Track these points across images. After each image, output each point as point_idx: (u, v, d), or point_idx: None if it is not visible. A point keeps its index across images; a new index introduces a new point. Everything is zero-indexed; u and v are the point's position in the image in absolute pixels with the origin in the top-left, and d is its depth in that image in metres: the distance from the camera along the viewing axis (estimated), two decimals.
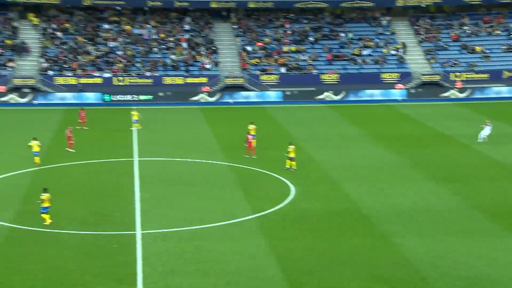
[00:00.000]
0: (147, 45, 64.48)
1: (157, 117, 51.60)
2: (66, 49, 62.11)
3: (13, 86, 57.04)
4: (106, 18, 66.85)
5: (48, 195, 26.13)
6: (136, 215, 27.52)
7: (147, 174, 33.96)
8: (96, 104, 57.02)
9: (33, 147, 35.04)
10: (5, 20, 63.37)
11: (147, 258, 22.99)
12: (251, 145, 37.71)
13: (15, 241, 24.25)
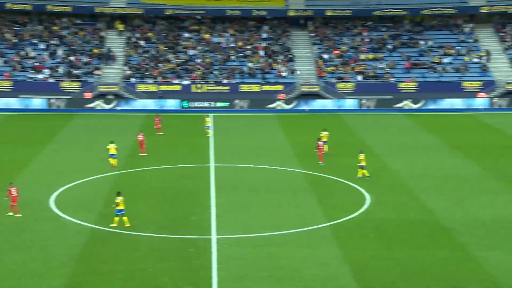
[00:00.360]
0: (225, 53, 65.38)
1: (233, 124, 52.14)
2: (148, 57, 63.91)
3: (98, 93, 59.23)
4: (187, 27, 68.33)
5: (122, 198, 26.86)
6: (212, 220, 27.84)
7: (222, 180, 34.32)
8: (175, 110, 58.28)
9: (110, 149, 36.39)
10: (93, 30, 65.96)
11: (222, 263, 23.18)
12: (321, 151, 37.56)
13: (96, 242, 25.05)
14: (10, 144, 42.04)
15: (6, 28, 64.06)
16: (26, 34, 63.96)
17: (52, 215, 28.07)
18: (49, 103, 57.21)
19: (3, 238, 24.99)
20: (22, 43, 62.93)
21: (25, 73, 59.98)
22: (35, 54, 61.93)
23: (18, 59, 60.83)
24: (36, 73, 59.95)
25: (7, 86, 58.10)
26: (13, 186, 27.98)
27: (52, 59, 61.94)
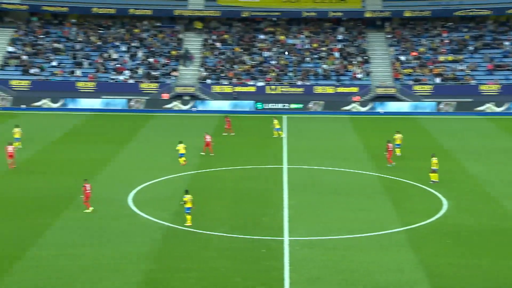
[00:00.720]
0: (300, 55, 65.18)
1: (307, 126, 51.87)
2: (224, 58, 64.63)
3: (175, 94, 60.42)
4: (262, 28, 68.62)
5: (190, 196, 27.22)
6: (284, 221, 27.74)
7: (295, 182, 34.17)
8: (249, 112, 58.62)
9: (180, 149, 37.27)
10: (172, 33, 67.38)
11: (294, 265, 23.04)
12: (391, 153, 36.83)
13: (171, 240, 25.48)
14: (91, 143, 43.51)
15: (92, 32, 66.44)
16: (110, 36, 66.12)
17: (130, 212, 28.78)
18: (129, 104, 58.87)
19: (84, 234, 25.84)
20: (105, 46, 65.07)
21: (107, 74, 62.01)
22: (117, 56, 63.90)
23: (101, 61, 62.95)
24: (118, 74, 61.85)
25: (91, 87, 60.25)
26: (87, 182, 28.85)
27: (133, 60, 63.73)
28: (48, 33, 65.86)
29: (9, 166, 35.55)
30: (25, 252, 23.55)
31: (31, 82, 59.55)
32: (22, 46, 63.64)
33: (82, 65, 62.38)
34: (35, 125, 48.98)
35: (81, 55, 63.44)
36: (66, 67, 62.24)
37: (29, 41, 64.27)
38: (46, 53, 63.21)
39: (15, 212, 28.17)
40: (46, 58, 62.62)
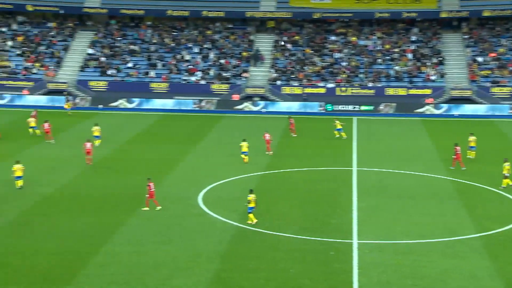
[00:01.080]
0: (372, 56, 64.27)
1: (378, 128, 51.06)
2: (294, 60, 64.57)
3: (245, 94, 60.88)
4: (334, 30, 68.12)
5: (253, 196, 27.30)
6: (353, 224, 27.42)
7: (365, 184, 33.71)
8: (319, 113, 58.30)
9: (243, 147, 37.98)
10: (243, 34, 67.94)
11: (363, 268, 22.73)
12: (459, 156, 35.71)
13: (240, 240, 25.67)
14: (163, 142, 44.44)
15: (166, 34, 67.93)
16: (183, 38, 67.37)
17: (200, 212, 29.20)
18: (199, 105, 59.78)
19: (156, 231, 26.42)
20: (178, 47, 66.37)
21: (180, 75, 63.21)
22: (190, 58, 65.04)
23: (174, 62, 64.25)
24: (190, 75, 62.95)
25: (164, 88, 61.59)
26: (151, 181, 29.40)
27: (204, 62, 64.69)
28: (125, 36, 67.82)
29: (86, 162, 36.94)
30: (100, 248, 24.31)
31: (108, 83, 61.49)
32: (100, 48, 65.82)
33: (156, 66, 63.86)
34: (112, 125, 50.51)
35: (155, 57, 64.96)
36: (141, 68, 63.89)
37: (107, 43, 66.39)
38: (122, 54, 65.13)
39: (91, 209, 29.15)
40: (123, 59, 64.51)
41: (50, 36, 66.76)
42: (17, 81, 61.13)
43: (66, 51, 65.47)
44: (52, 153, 40.07)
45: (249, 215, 27.28)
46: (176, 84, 61.93)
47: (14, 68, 62.73)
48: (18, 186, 31.87)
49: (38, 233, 25.75)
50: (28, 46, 65.17)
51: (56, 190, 31.93)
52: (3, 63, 62.73)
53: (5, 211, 28.26)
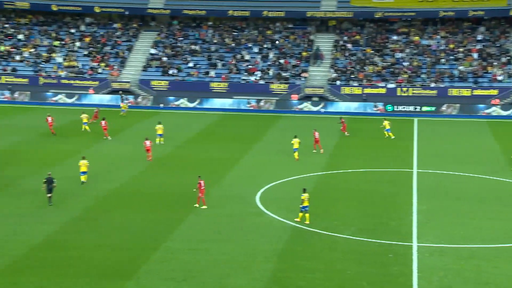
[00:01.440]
0: (435, 56, 62.86)
1: (439, 129, 49.90)
2: (354, 60, 63.90)
3: (304, 94, 60.68)
4: (396, 29, 67.01)
5: (307, 195, 27.16)
6: (413, 226, 26.90)
7: (425, 186, 33.00)
8: (379, 114, 57.48)
9: (294, 144, 38.61)
10: (303, 34, 67.73)
11: (423, 272, 22.27)
12: None
13: (297, 240, 25.61)
14: (222, 142, 44.82)
15: (226, 34, 68.51)
16: (243, 38, 67.78)
17: (257, 211, 29.30)
18: (259, 105, 59.99)
19: (214, 230, 26.69)
20: (238, 47, 66.82)
21: (239, 75, 63.61)
22: (249, 57, 65.37)
23: (234, 62, 64.72)
24: (249, 75, 63.26)
25: (223, 88, 62.14)
26: (201, 179, 29.75)
27: (264, 62, 64.86)
28: (187, 36, 68.80)
29: (147, 159, 37.83)
30: (160, 244, 24.76)
31: (169, 82, 62.53)
32: (163, 48, 67.02)
33: (216, 66, 64.48)
34: (172, 123, 51.37)
35: (216, 56, 65.61)
36: (202, 68, 64.66)
37: (169, 44, 67.52)
38: (183, 54, 66.10)
39: (151, 206, 29.71)
40: (184, 59, 65.48)
41: (115, 36, 68.46)
42: (83, 80, 63.00)
43: (129, 51, 67.00)
44: (115, 150, 41.07)
45: (304, 214, 27.22)
46: (235, 84, 62.35)
47: (81, 68, 64.67)
48: (82, 181, 32.98)
49: (101, 229, 26.45)
50: (94, 46, 67.06)
51: (118, 187, 32.72)
52: (71, 63, 64.81)
53: (71, 207, 29.18)
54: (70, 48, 66.84)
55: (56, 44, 67.22)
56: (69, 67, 64.47)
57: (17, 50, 66.46)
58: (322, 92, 60.57)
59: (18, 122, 50.73)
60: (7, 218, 27.47)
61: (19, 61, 65.30)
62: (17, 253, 23.51)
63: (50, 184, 29.48)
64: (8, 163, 37.10)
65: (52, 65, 64.78)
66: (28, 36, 68.26)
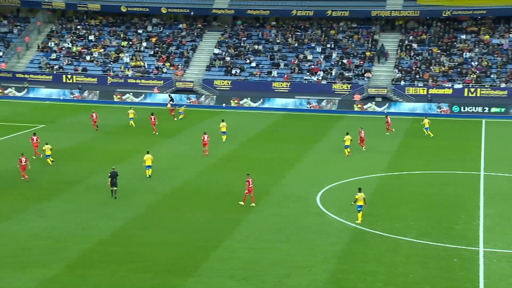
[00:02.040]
0: (506, 56, 60.65)
1: (509, 131, 48.11)
2: (420, 60, 62.47)
3: (367, 95, 59.81)
4: (464, 28, 65.08)
5: (361, 194, 26.71)
6: (480, 231, 26.00)
7: (493, 190, 31.87)
8: (443, 115, 55.95)
9: (346, 141, 39.37)
10: (367, 34, 66.79)
11: (490, 278, 21.48)
12: None
13: (358, 242, 25.23)
14: (284, 141, 44.70)
15: (289, 33, 68.38)
16: (306, 38, 67.48)
17: (318, 211, 29.06)
18: (320, 105, 59.54)
19: (274, 229, 26.62)
20: (301, 47, 66.56)
21: (302, 75, 63.35)
22: (312, 57, 65.02)
23: (297, 62, 64.54)
24: (311, 75, 62.90)
25: (285, 87, 62.05)
26: (249, 177, 29.84)
27: (326, 61, 64.35)
28: (250, 36, 69.09)
29: (203, 153, 39.09)
30: (220, 243, 24.91)
31: (232, 82, 62.96)
32: (226, 48, 67.59)
33: (279, 66, 64.46)
34: (234, 123, 51.70)
35: (278, 56, 65.59)
36: (264, 67, 64.78)
37: (233, 43, 68.02)
38: (247, 54, 66.43)
39: (212, 204, 29.96)
40: (247, 59, 65.80)
41: (180, 36, 69.52)
42: (148, 79, 64.30)
43: (194, 51, 67.89)
44: (178, 149, 41.67)
45: (358, 214, 26.88)
46: (297, 84, 62.14)
47: (147, 68, 66.05)
48: (147, 175, 33.98)
49: (164, 226, 26.88)
50: (160, 46, 68.34)
51: (181, 185, 33.17)
52: (138, 63, 66.34)
53: (135, 204, 29.80)
54: (137, 48, 68.39)
55: (124, 44, 68.93)
56: (135, 66, 65.98)
57: (88, 50, 68.56)
58: (385, 92, 59.50)
59: (86, 120, 52.34)
60: (75, 213, 28.31)
61: (89, 61, 67.34)
62: (85, 247, 24.19)
63: (115, 178, 30.59)
64: (76, 160, 38.26)
65: (120, 65, 66.45)
66: (98, 37, 70.30)
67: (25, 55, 69.86)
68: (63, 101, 62.20)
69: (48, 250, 23.94)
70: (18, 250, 23.90)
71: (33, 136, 38.41)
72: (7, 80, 65.64)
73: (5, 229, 26.12)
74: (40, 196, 30.65)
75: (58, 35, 70.86)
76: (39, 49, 69.51)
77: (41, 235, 25.47)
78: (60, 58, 67.99)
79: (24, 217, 27.68)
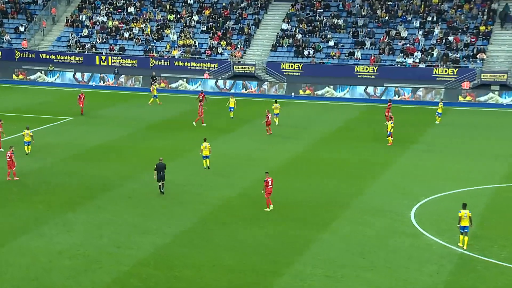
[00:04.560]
0: None
1: None
2: None
3: (480, 82, 58.38)
4: None
5: (467, 212, 26.18)
6: None
7: None
8: None
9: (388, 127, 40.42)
10: (483, 2, 65.09)
11: None
12: None
13: (465, 272, 24.67)
14: (367, 141, 44.22)
15: (378, 3, 67.54)
16: (400, 9, 66.48)
17: (412, 231, 28.59)
18: (415, 95, 58.59)
19: (354, 253, 26.33)
20: (393, 21, 65.76)
21: (393, 56, 62.54)
22: (407, 34, 64.09)
23: (387, 40, 63.76)
24: (406, 56, 62.00)
25: (371, 73, 61.38)
26: (269, 176, 30.43)
27: (426, 39, 63.30)
28: (328, 7, 68.76)
29: (267, 132, 44.16)
30: (286, 268, 24.83)
31: (303, 66, 62.84)
32: (297, 23, 67.53)
33: (364, 46, 63.88)
34: (305, 116, 51.52)
35: (364, 33, 65.00)
36: (345, 47, 64.35)
37: (306, 17, 67.88)
38: (323, 31, 66.14)
39: (276, 218, 29.87)
40: (323, 36, 65.51)
41: (240, 8, 69.82)
42: (200, 62, 64.95)
43: (256, 27, 68.17)
44: (236, 147, 41.87)
45: (463, 237, 26.26)
46: (387, 68, 61.45)
47: (198, 47, 66.73)
48: (205, 166, 36.32)
49: (216, 244, 27.03)
50: (215, 21, 68.87)
51: (239, 193, 33.31)
52: (187, 41, 67.00)
53: (183, 215, 30.13)
54: (186, 23, 69.21)
55: (170, 18, 69.96)
56: (184, 46, 66.80)
57: (126, 25, 69.81)
58: (504, 78, 57.95)
59: (123, 112, 53.30)
60: (108, 226, 28.85)
61: (128, 39, 68.60)
62: (120, 269, 24.61)
63: (162, 171, 32.23)
64: (109, 161, 39.06)
65: (165, 44, 67.45)
66: (140, 9, 71.57)
67: (51, 31, 72.05)
68: (95, 88, 63.73)
69: (76, 272, 24.46)
70: (40, 272, 24.51)
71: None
72: (28, 61, 67.85)
73: (23, 245, 26.88)
74: (65, 205, 31.43)
75: (91, 7, 72.71)
76: (68, 24, 71.49)
77: (66, 253, 26.07)
78: (93, 35, 69.71)
79: (46, 230, 28.42)
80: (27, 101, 56.54)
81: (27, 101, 56.79)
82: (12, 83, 65.22)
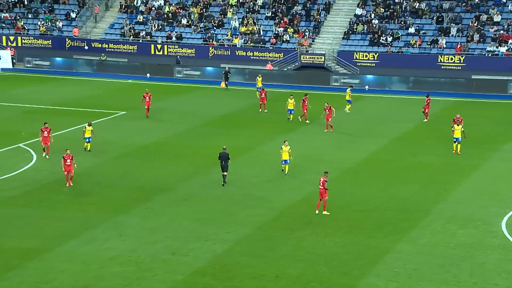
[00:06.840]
0: None
1: None
2: None
3: None
4: None
5: None
6: None
7: None
8: None
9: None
10: None
11: None
12: None
13: None
14: (450, 141, 43.73)
15: None
16: None
17: (502, 242, 28.18)
18: None
19: (436, 266, 26.10)
20: (484, 4, 64.68)
21: (483, 45, 61.52)
22: (500, 19, 62.98)
23: (476, 26, 62.78)
24: (498, 45, 60.91)
25: (457, 63, 60.55)
26: (327, 175, 30.90)
27: None
28: None
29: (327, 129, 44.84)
30: (358, 281, 24.82)
31: (379, 55, 62.43)
32: (373, 7, 67.14)
33: (449, 33, 63.08)
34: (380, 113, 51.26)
35: (449, 18, 64.17)
36: (427, 35, 63.68)
37: (382, 1, 67.38)
38: (402, 16, 65.58)
39: (345, 226, 29.85)
40: (402, 23, 64.96)
41: None
42: (264, 51, 65.18)
43: (327, 12, 68.04)
44: (307, 147, 41.91)
45: None
46: (476, 58, 60.60)
47: (263, 35, 66.95)
48: (285, 172, 36.43)
49: (279, 253, 27.15)
50: (280, 5, 68.98)
51: (303, 197, 33.37)
52: (250, 28, 67.26)
53: (242, 221, 30.33)
54: (249, 8, 69.54)
55: (232, 2, 70.40)
56: (247, 33, 67.12)
57: (184, 11, 70.54)
58: None
59: (179, 107, 53.91)
60: (163, 231, 29.28)
61: (185, 26, 69.29)
62: (175, 278, 24.96)
63: (225, 161, 33.43)
64: (165, 160, 39.60)
65: (226, 31, 67.91)
66: None
67: (104, 18, 73.31)
68: (150, 79, 64.61)
69: (127, 281, 24.86)
70: (89, 279, 24.99)
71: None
72: (79, 51, 69.23)
73: (73, 250, 27.47)
74: (117, 207, 31.99)
75: None
76: (122, 10, 72.66)
77: (118, 260, 26.55)
78: (148, 22, 70.67)
79: (97, 234, 28.98)
80: (75, 95, 57.57)
81: (75, 94, 57.81)
82: (62, 74, 66.41)
